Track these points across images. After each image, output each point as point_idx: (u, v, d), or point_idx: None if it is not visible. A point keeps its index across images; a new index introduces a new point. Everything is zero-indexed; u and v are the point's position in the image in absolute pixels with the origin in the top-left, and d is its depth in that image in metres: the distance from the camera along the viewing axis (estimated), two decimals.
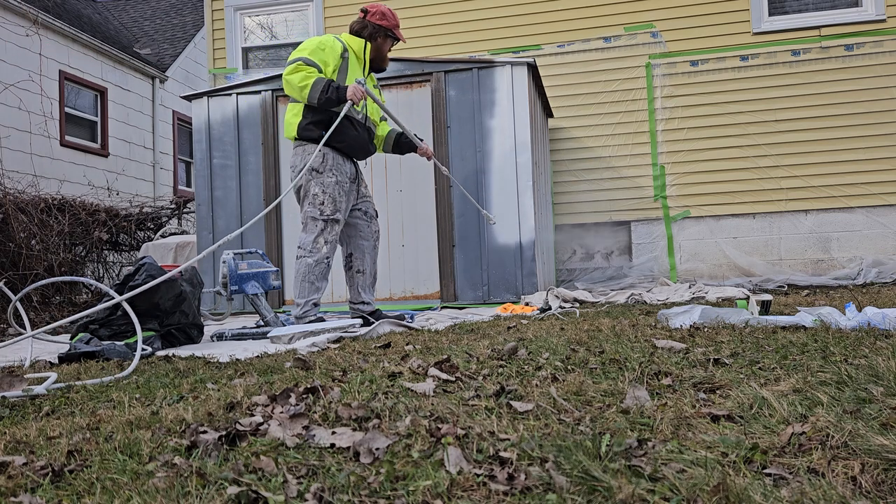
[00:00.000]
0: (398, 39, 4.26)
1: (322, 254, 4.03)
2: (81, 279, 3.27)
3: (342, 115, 3.90)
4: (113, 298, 2.84)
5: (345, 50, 4.06)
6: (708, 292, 5.73)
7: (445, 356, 2.27)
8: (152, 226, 9.32)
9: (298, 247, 4.09)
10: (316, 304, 4.09)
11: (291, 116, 4.11)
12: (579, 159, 7.71)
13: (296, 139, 4.11)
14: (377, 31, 4.17)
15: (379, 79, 6.13)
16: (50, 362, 2.99)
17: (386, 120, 4.47)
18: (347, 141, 4.07)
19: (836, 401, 1.54)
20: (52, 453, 1.42)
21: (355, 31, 4.19)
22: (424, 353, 2.61)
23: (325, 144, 3.93)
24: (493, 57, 7.25)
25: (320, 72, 3.93)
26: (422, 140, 4.45)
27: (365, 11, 4.17)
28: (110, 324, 3.45)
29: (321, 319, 4.04)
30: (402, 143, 4.48)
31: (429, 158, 4.48)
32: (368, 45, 4.18)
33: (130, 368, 2.55)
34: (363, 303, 4.28)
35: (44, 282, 3.08)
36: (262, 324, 4.24)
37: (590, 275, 7.68)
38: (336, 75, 4.00)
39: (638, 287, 6.86)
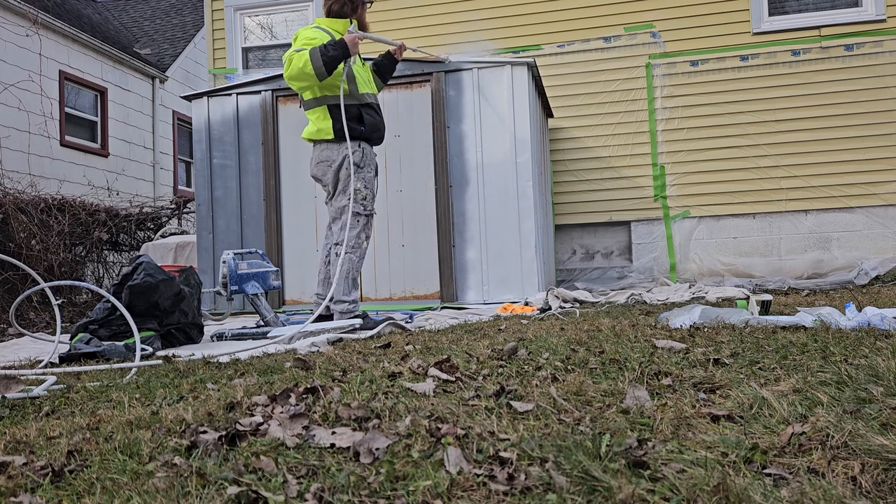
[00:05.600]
0: (371, 1, 4.26)
1: (364, 249, 4.09)
2: (78, 283, 3.26)
3: (346, 70, 3.96)
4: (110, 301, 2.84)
5: (331, 39, 3.99)
6: (708, 292, 5.72)
7: (445, 356, 2.27)
8: (152, 226, 9.32)
9: (338, 243, 4.07)
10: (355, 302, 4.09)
11: (320, 121, 4.06)
12: (579, 159, 7.70)
13: (329, 140, 4.07)
14: (356, 2, 4.15)
15: None
16: (51, 362, 2.99)
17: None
18: (380, 130, 4.19)
19: (836, 401, 1.54)
20: (52, 453, 1.42)
21: (336, 13, 4.13)
22: (424, 353, 2.61)
23: (362, 139, 4.07)
24: (493, 57, 7.25)
25: None
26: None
27: None
28: (110, 324, 3.45)
29: (366, 316, 4.03)
30: (381, 67, 4.43)
31: (404, 48, 4.42)
32: (354, 22, 4.14)
33: (130, 375, 2.55)
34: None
35: (37, 287, 3.05)
36: (262, 324, 4.24)
37: (590, 275, 7.67)
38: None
39: (638, 287, 6.85)
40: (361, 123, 4.06)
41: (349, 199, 4.01)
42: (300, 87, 3.99)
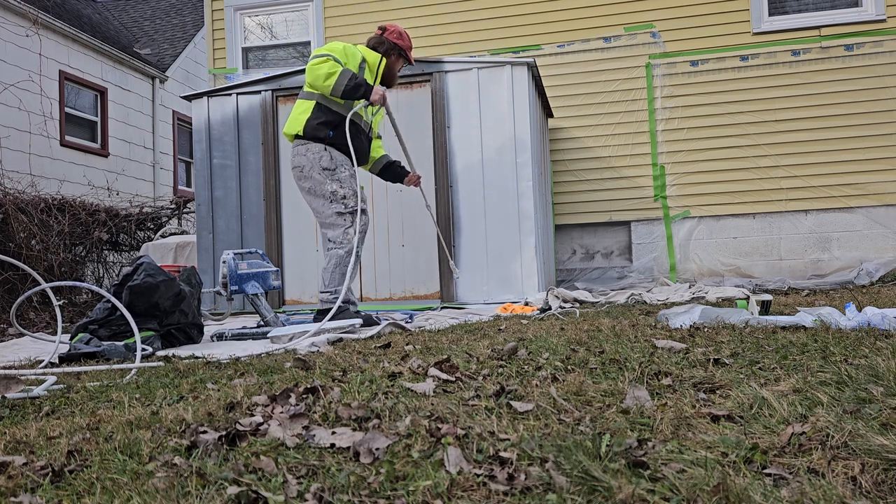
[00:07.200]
0: (409, 62, 4.48)
1: (352, 244, 4.15)
2: (79, 283, 3.26)
3: (350, 115, 4.15)
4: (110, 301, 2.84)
5: (363, 61, 4.24)
6: (708, 292, 5.72)
7: (445, 356, 2.27)
8: (152, 226, 9.32)
9: (329, 240, 4.22)
10: (348, 299, 4.14)
11: (299, 113, 4.22)
12: (579, 159, 7.70)
13: (299, 136, 4.22)
14: (393, 49, 4.37)
15: None
16: (51, 362, 2.99)
17: (381, 138, 4.76)
18: (354, 145, 4.27)
19: (836, 401, 1.54)
20: (52, 453, 1.42)
21: (372, 46, 4.37)
22: (424, 353, 2.61)
23: (331, 146, 4.19)
24: (493, 57, 7.25)
25: None
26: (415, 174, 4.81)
27: (383, 29, 4.37)
28: (110, 324, 3.45)
29: (366, 317, 4.12)
30: (391, 170, 4.73)
31: (416, 185, 4.81)
32: (384, 60, 4.36)
33: (130, 376, 2.54)
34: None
35: (38, 288, 3.04)
36: (262, 324, 4.24)
37: (590, 275, 7.67)
38: None
39: (638, 287, 6.85)
40: (332, 130, 4.17)
41: (329, 201, 4.18)
42: (309, 83, 4.12)
